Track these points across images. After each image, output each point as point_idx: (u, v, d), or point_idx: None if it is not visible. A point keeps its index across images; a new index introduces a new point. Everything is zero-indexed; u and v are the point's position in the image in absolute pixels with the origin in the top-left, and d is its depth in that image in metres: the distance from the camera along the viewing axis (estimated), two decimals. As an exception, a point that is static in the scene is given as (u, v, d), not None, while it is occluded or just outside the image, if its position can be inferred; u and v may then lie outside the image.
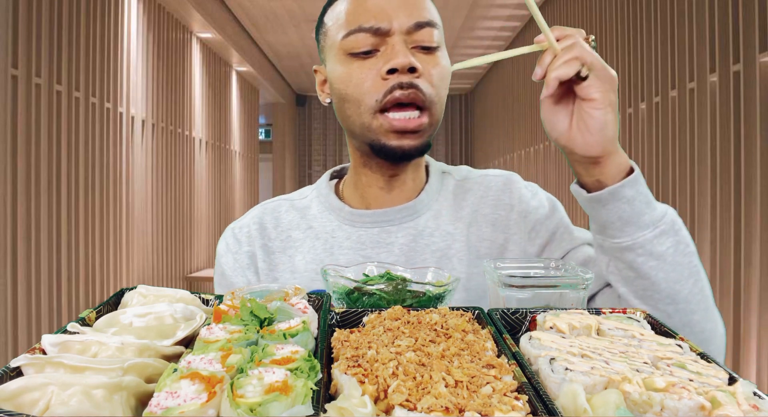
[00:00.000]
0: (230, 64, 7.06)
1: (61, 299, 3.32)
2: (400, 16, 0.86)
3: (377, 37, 0.87)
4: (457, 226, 0.96)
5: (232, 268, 0.99)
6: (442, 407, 0.43)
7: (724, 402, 0.44)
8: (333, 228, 0.96)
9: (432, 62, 0.89)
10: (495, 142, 8.35)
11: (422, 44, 0.88)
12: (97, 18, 3.75)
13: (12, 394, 0.45)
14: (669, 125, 3.38)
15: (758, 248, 2.60)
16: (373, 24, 0.86)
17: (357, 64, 0.87)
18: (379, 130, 0.88)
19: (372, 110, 0.87)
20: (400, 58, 0.84)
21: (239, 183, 7.55)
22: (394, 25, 0.86)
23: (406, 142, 0.88)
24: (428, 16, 0.89)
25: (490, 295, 0.79)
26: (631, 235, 0.79)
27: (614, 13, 4.14)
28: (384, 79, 0.86)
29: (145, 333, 0.57)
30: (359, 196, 0.98)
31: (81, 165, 3.54)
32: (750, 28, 2.64)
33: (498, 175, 1.03)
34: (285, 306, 0.60)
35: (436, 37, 0.89)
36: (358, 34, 0.87)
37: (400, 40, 0.86)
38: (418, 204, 0.96)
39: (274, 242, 0.98)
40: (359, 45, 0.87)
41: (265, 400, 0.42)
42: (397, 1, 0.87)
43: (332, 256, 0.94)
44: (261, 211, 1.03)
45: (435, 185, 0.99)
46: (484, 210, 0.98)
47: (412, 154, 0.90)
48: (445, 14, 6.31)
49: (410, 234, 0.94)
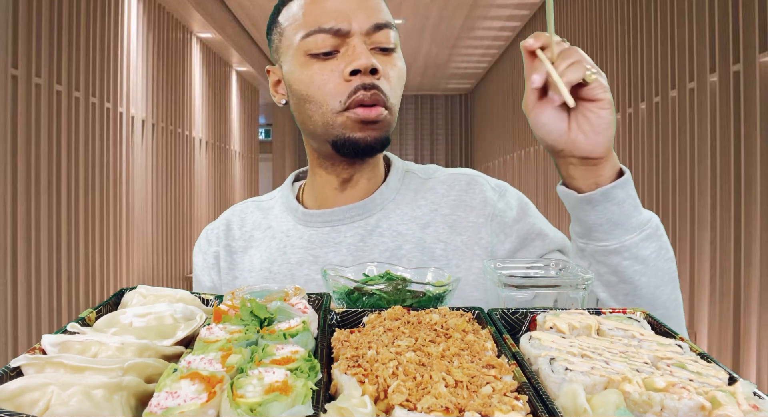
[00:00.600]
0: (230, 64, 7.06)
1: (61, 299, 3.32)
2: (359, 17, 0.87)
3: (337, 38, 0.87)
4: (410, 227, 0.94)
5: (201, 267, 1.02)
6: (442, 407, 0.43)
7: (724, 402, 0.44)
8: (288, 228, 0.97)
9: (390, 63, 0.90)
10: (495, 142, 8.36)
11: (381, 45, 0.89)
12: (97, 18, 3.75)
13: (12, 394, 0.45)
14: (669, 125, 3.38)
15: (758, 248, 2.60)
16: (333, 25, 0.86)
17: (318, 65, 0.87)
18: (344, 124, 0.88)
19: (335, 111, 0.88)
20: (362, 60, 0.85)
21: (239, 183, 7.55)
22: (354, 26, 0.87)
23: (369, 133, 0.88)
24: (386, 18, 0.90)
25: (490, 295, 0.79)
26: (619, 237, 0.79)
27: (614, 13, 4.14)
28: (347, 80, 0.86)
29: (145, 333, 0.57)
30: (314, 197, 0.99)
31: (81, 165, 3.54)
32: (750, 28, 2.64)
33: (463, 173, 1.01)
34: (285, 306, 0.60)
35: (393, 38, 0.90)
36: (318, 35, 0.87)
37: (360, 41, 0.87)
38: (369, 203, 0.95)
39: (237, 242, 1.00)
40: (319, 46, 0.87)
41: (265, 400, 0.42)
42: (355, 3, 0.88)
43: (285, 254, 0.95)
44: (231, 212, 1.05)
45: (393, 185, 0.98)
46: (444, 210, 0.96)
47: (375, 146, 0.89)
48: (445, 14, 6.31)
49: (359, 233, 0.94)
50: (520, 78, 6.85)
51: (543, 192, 5.80)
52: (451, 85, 10.51)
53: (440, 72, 9.38)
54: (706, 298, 3.00)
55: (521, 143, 6.69)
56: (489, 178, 1.01)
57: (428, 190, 0.98)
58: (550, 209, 5.55)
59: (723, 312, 2.85)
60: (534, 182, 6.11)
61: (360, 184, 0.97)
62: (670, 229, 3.35)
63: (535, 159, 6.11)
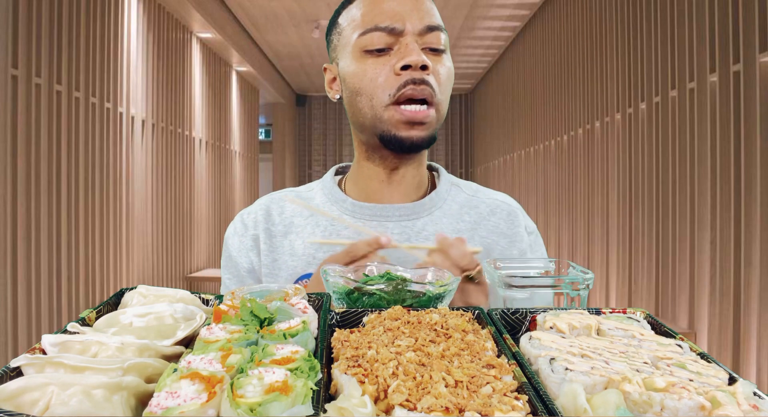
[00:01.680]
0: (230, 64, 7.06)
1: (61, 299, 3.32)
2: (413, 18, 0.93)
3: (392, 37, 0.93)
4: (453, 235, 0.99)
5: (237, 249, 1.05)
6: (442, 407, 0.43)
7: (724, 402, 0.44)
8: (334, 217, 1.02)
9: (440, 62, 0.95)
10: (495, 142, 8.35)
11: (431, 46, 0.95)
12: (97, 18, 3.75)
13: (12, 394, 0.45)
14: (669, 125, 3.38)
15: (758, 248, 2.60)
16: (389, 24, 0.93)
17: (371, 60, 0.94)
18: (390, 121, 0.93)
19: (384, 104, 0.93)
20: (413, 56, 0.91)
21: (239, 183, 7.55)
22: (408, 27, 0.93)
23: (414, 132, 0.93)
24: (437, 21, 0.96)
25: (490, 295, 0.79)
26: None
27: (614, 13, 4.14)
28: (397, 74, 0.92)
29: (145, 333, 0.57)
30: (359, 189, 1.04)
31: (81, 165, 3.54)
32: (750, 28, 2.64)
33: (504, 202, 1.08)
34: (285, 306, 0.60)
35: (444, 40, 0.96)
36: (374, 33, 0.93)
37: (412, 40, 0.93)
38: (418, 206, 1.01)
39: (277, 227, 1.04)
40: (374, 43, 0.93)
41: (265, 400, 0.42)
42: (410, 5, 0.94)
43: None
44: (268, 200, 1.10)
45: (442, 194, 1.04)
46: (482, 232, 1.03)
47: (420, 144, 0.95)
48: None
49: (405, 233, 0.99)
50: (520, 78, 6.85)
51: (543, 192, 5.80)
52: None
53: (440, 72, 9.35)
54: (706, 298, 2.99)
55: (521, 143, 6.69)
56: (526, 215, 1.09)
57: (473, 207, 1.05)
58: (549, 209, 5.55)
59: (723, 312, 2.85)
60: (534, 182, 6.11)
61: (406, 179, 1.02)
62: (670, 229, 3.35)
63: (535, 159, 6.11)
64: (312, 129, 11.40)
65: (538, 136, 5.96)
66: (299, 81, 10.08)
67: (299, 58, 8.33)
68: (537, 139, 6.02)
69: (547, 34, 5.69)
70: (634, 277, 3.83)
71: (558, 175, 5.34)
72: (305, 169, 11.36)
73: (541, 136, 5.87)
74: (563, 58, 5.22)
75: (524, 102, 6.59)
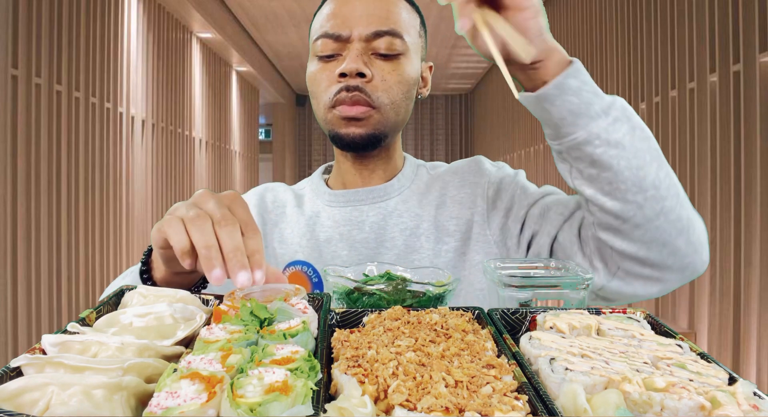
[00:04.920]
0: (230, 64, 7.06)
1: (61, 299, 3.32)
2: (360, 24, 0.96)
3: (339, 43, 0.97)
4: (425, 209, 1.03)
5: None
6: (442, 407, 0.43)
7: (724, 402, 0.44)
8: (318, 209, 1.07)
9: (388, 68, 0.97)
10: (495, 142, 8.36)
11: (379, 51, 0.96)
12: (97, 18, 3.75)
13: (12, 394, 0.45)
14: (669, 125, 3.38)
15: (758, 248, 2.60)
16: (335, 31, 0.96)
17: (322, 66, 0.99)
18: (332, 121, 0.98)
19: (327, 106, 0.98)
20: (349, 64, 0.94)
21: (239, 183, 7.55)
22: (354, 33, 0.96)
23: (352, 129, 0.97)
24: (389, 25, 0.97)
25: (490, 295, 0.79)
26: (585, 127, 0.78)
27: (614, 13, 4.14)
28: (337, 81, 0.96)
29: (145, 333, 0.57)
30: (339, 181, 1.09)
31: (81, 165, 3.54)
32: (750, 28, 2.64)
33: (466, 160, 1.11)
34: (285, 306, 0.60)
35: (399, 45, 0.97)
36: (323, 40, 0.97)
37: (358, 47, 0.95)
38: (388, 187, 1.05)
39: (269, 215, 1.08)
40: (323, 49, 0.98)
41: (265, 400, 0.42)
42: (361, 11, 0.96)
43: (313, 232, 1.04)
44: (263, 188, 1.14)
45: (408, 174, 1.08)
46: (452, 192, 1.05)
47: (359, 141, 0.97)
48: (445, 14, 6.31)
49: (380, 213, 1.03)
50: (520, 78, 6.85)
51: (543, 192, 5.80)
52: (451, 85, 10.50)
53: (440, 72, 9.37)
54: (706, 298, 2.99)
55: (521, 143, 6.69)
56: (488, 159, 1.11)
57: (437, 178, 1.08)
58: (550, 209, 5.55)
59: (723, 312, 2.84)
60: (534, 182, 6.10)
61: (377, 173, 1.06)
62: (670, 229, 3.35)
63: (535, 159, 6.11)
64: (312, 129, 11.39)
65: (538, 136, 5.96)
66: (299, 81, 10.08)
67: (299, 58, 8.33)
68: (537, 139, 6.02)
69: (547, 34, 5.66)
70: (634, 277, 3.82)
71: (558, 175, 5.34)
72: (305, 168, 11.36)
73: (540, 136, 5.86)
74: (563, 58, 5.21)
75: (524, 102, 6.59)
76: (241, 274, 0.60)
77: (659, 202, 0.80)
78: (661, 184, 0.80)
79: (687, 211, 0.83)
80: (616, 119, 0.79)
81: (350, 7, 0.97)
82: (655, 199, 0.80)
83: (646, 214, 0.80)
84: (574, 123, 0.79)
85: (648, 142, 0.81)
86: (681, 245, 0.83)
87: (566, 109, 0.78)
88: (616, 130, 0.78)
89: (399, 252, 1.00)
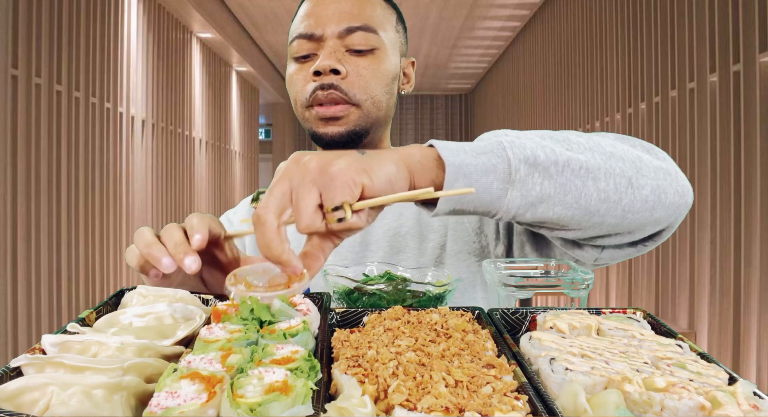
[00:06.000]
0: (230, 64, 7.06)
1: (61, 299, 3.32)
2: (332, 22, 0.95)
3: (312, 43, 0.97)
4: (408, 208, 1.04)
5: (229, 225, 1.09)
6: (442, 407, 0.43)
7: (724, 402, 0.44)
8: None
9: (363, 64, 0.96)
10: (495, 142, 8.35)
11: (353, 48, 0.96)
12: (97, 18, 3.75)
13: (12, 394, 0.45)
14: (669, 125, 3.38)
15: (758, 248, 2.60)
16: (308, 31, 0.96)
17: (298, 67, 0.99)
18: (310, 120, 0.98)
19: (304, 107, 0.98)
20: (322, 62, 0.94)
21: (239, 183, 7.55)
22: (327, 31, 0.96)
23: (330, 128, 0.96)
24: (362, 21, 0.96)
25: (490, 295, 0.79)
26: (500, 208, 0.67)
27: (614, 13, 4.13)
28: (313, 80, 0.95)
29: (145, 333, 0.57)
30: None
31: (81, 165, 3.54)
32: (750, 28, 2.64)
33: None
34: (285, 306, 0.60)
35: (373, 40, 0.97)
36: (297, 41, 0.98)
37: (331, 44, 0.95)
38: None
39: None
40: (298, 50, 0.98)
41: (265, 400, 0.42)
42: (332, 9, 0.96)
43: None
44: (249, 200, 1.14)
45: None
46: None
47: (338, 139, 0.97)
48: (446, 14, 6.31)
49: None
50: (520, 78, 6.85)
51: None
52: (451, 85, 10.50)
53: (440, 72, 9.37)
54: (706, 298, 2.99)
55: (521, 143, 6.68)
56: None
57: None
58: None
59: (723, 312, 2.84)
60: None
61: None
62: (670, 229, 3.35)
63: (535, 159, 6.11)
64: (312, 129, 11.39)
65: (538, 136, 5.95)
66: (299, 81, 10.07)
67: (299, 58, 8.32)
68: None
69: (547, 34, 5.68)
70: (634, 277, 3.83)
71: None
72: (305, 169, 11.35)
73: (541, 136, 5.86)
74: (563, 58, 5.21)
75: (524, 102, 6.59)
76: (187, 259, 0.65)
77: (617, 207, 0.71)
78: (609, 192, 0.70)
79: (649, 183, 0.73)
80: (523, 179, 0.66)
81: (322, 6, 0.97)
82: (611, 209, 0.71)
83: (611, 222, 0.73)
84: (487, 211, 0.69)
85: (568, 167, 0.68)
86: (660, 215, 0.75)
87: (472, 207, 0.67)
88: (528, 189, 0.67)
89: (384, 254, 1.00)
